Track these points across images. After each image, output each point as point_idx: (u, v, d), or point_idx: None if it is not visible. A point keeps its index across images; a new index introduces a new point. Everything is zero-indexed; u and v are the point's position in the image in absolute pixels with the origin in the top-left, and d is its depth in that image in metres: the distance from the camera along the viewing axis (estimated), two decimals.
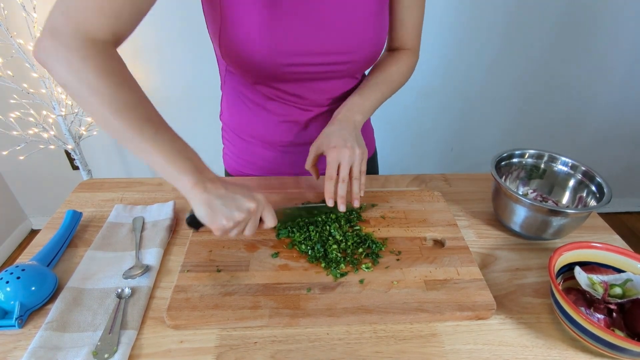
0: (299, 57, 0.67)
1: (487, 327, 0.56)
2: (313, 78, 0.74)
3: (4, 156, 1.52)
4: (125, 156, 1.87)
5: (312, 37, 0.66)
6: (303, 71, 0.70)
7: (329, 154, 0.64)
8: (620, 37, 1.63)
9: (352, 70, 0.75)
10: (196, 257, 0.63)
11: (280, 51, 0.66)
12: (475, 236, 0.72)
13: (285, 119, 0.80)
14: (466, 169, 2.00)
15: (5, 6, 1.33)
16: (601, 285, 0.55)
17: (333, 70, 0.72)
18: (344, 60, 0.71)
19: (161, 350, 0.52)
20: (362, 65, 0.74)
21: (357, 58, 0.71)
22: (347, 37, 0.68)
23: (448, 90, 1.74)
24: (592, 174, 0.71)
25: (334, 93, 0.79)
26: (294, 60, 0.68)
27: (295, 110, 0.79)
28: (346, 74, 0.76)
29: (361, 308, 0.56)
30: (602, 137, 1.94)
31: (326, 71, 0.72)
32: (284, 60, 0.67)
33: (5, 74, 1.38)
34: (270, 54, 0.65)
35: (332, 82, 0.76)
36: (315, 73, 0.72)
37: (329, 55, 0.69)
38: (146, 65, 1.60)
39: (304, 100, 0.77)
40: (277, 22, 0.63)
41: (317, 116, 0.80)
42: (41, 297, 0.56)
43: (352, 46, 0.69)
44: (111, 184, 0.84)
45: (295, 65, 0.69)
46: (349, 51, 0.70)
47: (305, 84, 0.74)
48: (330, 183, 0.63)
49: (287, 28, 0.64)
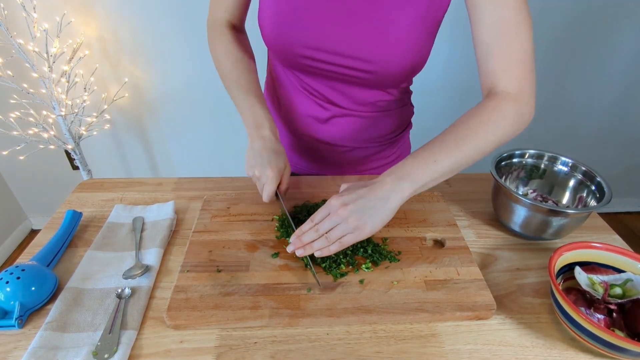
0: (315, 52, 0.67)
1: (487, 327, 0.56)
2: (335, 78, 0.71)
3: (4, 156, 1.52)
4: (125, 156, 1.87)
5: (332, 36, 0.65)
6: (322, 68, 0.69)
7: (329, 200, 0.56)
8: (620, 37, 1.63)
9: (378, 82, 0.70)
10: (196, 257, 0.63)
11: (296, 40, 0.66)
12: (475, 236, 0.72)
13: (306, 113, 0.79)
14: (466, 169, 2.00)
15: (5, 6, 1.33)
16: (601, 286, 0.55)
17: (356, 75, 0.69)
18: (366, 69, 0.66)
19: (161, 351, 0.52)
20: (391, 80, 0.68)
21: (382, 70, 0.66)
22: (372, 47, 0.63)
23: (448, 90, 1.74)
24: (592, 174, 0.71)
25: (358, 99, 0.76)
26: (310, 54, 0.67)
27: (316, 106, 0.78)
28: (373, 84, 0.71)
29: (361, 308, 0.56)
30: (602, 137, 1.94)
31: (347, 74, 0.69)
32: (299, 50, 0.67)
33: (5, 74, 1.38)
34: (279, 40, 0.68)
35: (358, 89, 0.73)
36: (337, 74, 0.70)
37: (349, 59, 0.66)
38: (146, 64, 1.60)
39: (325, 98, 0.76)
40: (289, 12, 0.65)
41: (335, 117, 0.78)
42: (41, 297, 0.56)
43: (376, 57, 0.64)
44: (111, 184, 0.84)
45: (312, 59, 0.68)
46: (371, 60, 0.65)
47: (328, 82, 0.73)
48: (307, 224, 0.56)
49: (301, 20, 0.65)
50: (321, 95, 0.76)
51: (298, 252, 0.56)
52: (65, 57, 1.42)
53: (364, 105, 0.77)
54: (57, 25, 1.37)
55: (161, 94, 1.68)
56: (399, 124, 0.85)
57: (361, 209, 0.53)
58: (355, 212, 0.52)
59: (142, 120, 1.75)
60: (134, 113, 1.73)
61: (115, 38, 1.53)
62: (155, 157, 1.89)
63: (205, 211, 0.73)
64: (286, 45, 0.68)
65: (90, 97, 1.57)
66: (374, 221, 0.53)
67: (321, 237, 0.55)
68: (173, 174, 1.95)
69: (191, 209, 0.77)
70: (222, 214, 0.73)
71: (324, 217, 0.55)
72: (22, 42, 1.34)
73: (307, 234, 0.56)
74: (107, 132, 1.75)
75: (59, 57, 1.39)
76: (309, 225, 0.56)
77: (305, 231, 0.56)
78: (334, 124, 0.80)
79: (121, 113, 1.72)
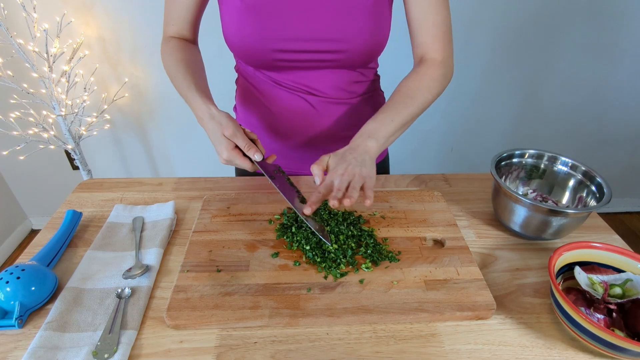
0: (287, 42, 0.69)
1: (487, 327, 0.56)
2: (310, 67, 0.74)
3: (4, 156, 1.52)
4: (125, 156, 1.87)
5: (300, 23, 0.67)
6: (296, 59, 0.71)
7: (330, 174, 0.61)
8: (620, 37, 1.63)
9: (350, 62, 0.74)
10: (196, 257, 0.63)
11: (265, 37, 0.68)
12: (475, 236, 0.72)
13: (289, 109, 0.80)
14: (466, 169, 2.00)
15: (5, 6, 1.33)
16: (601, 285, 0.55)
17: (327, 59, 0.72)
18: (336, 49, 0.70)
19: (161, 350, 0.52)
20: (359, 57, 0.73)
21: (351, 48, 0.70)
22: (339, 26, 0.68)
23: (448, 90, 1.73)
24: (592, 174, 0.71)
25: (334, 84, 0.78)
26: (282, 46, 0.69)
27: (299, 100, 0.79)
28: (344, 64, 0.75)
29: (361, 308, 0.56)
30: (602, 137, 1.94)
31: (320, 59, 0.72)
32: (271, 45, 0.69)
33: (5, 74, 1.38)
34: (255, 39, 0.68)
35: (330, 73, 0.76)
36: (310, 61, 0.72)
37: (319, 42, 0.69)
38: (146, 64, 1.60)
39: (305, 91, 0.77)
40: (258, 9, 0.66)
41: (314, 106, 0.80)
42: (41, 297, 0.56)
43: (345, 35, 0.69)
44: (111, 184, 0.84)
45: (285, 52, 0.70)
46: (340, 39, 0.69)
47: (303, 73, 0.75)
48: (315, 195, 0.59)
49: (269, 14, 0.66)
50: (299, 88, 0.78)
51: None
52: (65, 57, 1.42)
53: (341, 90, 0.79)
54: (57, 25, 1.37)
55: (161, 94, 1.67)
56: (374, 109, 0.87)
57: (358, 164, 0.61)
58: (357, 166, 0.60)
59: (142, 120, 1.75)
60: (134, 113, 1.73)
61: (115, 38, 1.53)
62: (155, 157, 1.89)
63: (205, 211, 0.73)
64: (258, 47, 0.70)
65: (90, 97, 1.57)
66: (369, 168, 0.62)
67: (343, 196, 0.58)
68: (173, 174, 1.95)
69: (191, 209, 0.77)
70: (222, 214, 0.73)
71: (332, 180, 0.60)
72: (22, 42, 1.34)
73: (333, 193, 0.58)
74: (107, 132, 1.75)
75: (59, 57, 1.39)
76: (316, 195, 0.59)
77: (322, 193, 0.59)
78: (314, 115, 0.81)
79: (121, 113, 1.72)
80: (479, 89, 1.76)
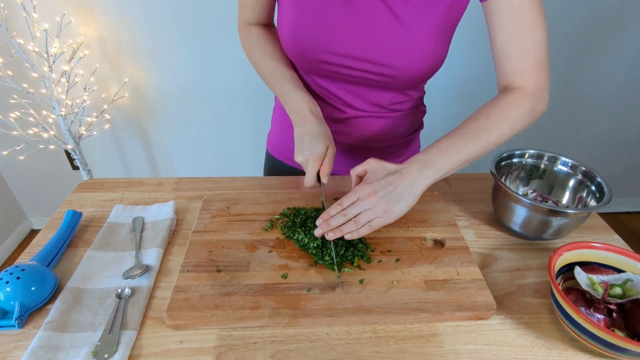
0: (336, 57, 0.67)
1: (487, 327, 0.56)
2: (353, 82, 0.72)
3: (4, 156, 1.52)
4: (125, 156, 1.87)
5: (353, 41, 0.65)
6: (341, 72, 0.70)
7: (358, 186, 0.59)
8: (620, 37, 1.63)
9: (396, 84, 0.71)
10: (196, 257, 0.63)
11: (317, 46, 0.66)
12: (475, 236, 0.72)
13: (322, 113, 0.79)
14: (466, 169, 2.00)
15: (5, 6, 1.33)
16: (601, 285, 0.55)
17: (374, 79, 0.70)
18: (385, 73, 0.68)
19: (161, 351, 0.52)
20: (407, 81, 0.70)
21: (401, 74, 0.67)
22: (392, 52, 0.64)
23: (448, 90, 1.74)
24: (592, 174, 0.71)
25: (375, 101, 0.76)
26: (331, 59, 0.68)
27: (331, 108, 0.78)
28: (391, 86, 0.72)
29: (361, 308, 0.56)
30: (602, 137, 1.94)
31: (366, 78, 0.70)
32: (320, 56, 0.67)
33: (5, 74, 1.38)
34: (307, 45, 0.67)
35: (375, 91, 0.74)
36: (355, 77, 0.70)
37: (369, 63, 0.67)
38: (146, 64, 1.60)
39: (341, 100, 0.77)
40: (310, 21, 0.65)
41: (350, 118, 0.79)
42: (41, 297, 0.56)
43: (396, 61, 0.65)
44: (111, 184, 0.84)
45: (332, 65, 0.68)
46: (390, 65, 0.66)
47: (345, 85, 0.74)
48: (334, 208, 0.59)
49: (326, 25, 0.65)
50: (338, 99, 0.77)
51: (329, 236, 0.58)
52: (65, 57, 1.42)
53: (380, 107, 0.78)
54: (57, 25, 1.37)
55: (161, 94, 1.67)
56: (412, 124, 0.86)
57: (390, 194, 0.56)
58: (384, 198, 0.56)
59: (142, 120, 1.75)
60: (134, 113, 1.73)
61: (115, 38, 1.53)
62: (155, 157, 1.89)
63: (205, 211, 0.73)
64: (306, 52, 0.69)
65: (90, 97, 1.57)
66: (400, 206, 0.57)
67: (349, 221, 0.58)
68: (173, 174, 1.95)
69: (191, 209, 0.77)
70: (222, 214, 0.73)
71: (352, 202, 0.58)
72: (22, 42, 1.34)
73: (335, 218, 0.58)
74: (107, 132, 1.75)
75: (59, 57, 1.39)
76: (337, 209, 0.58)
77: (333, 215, 0.58)
78: (349, 125, 0.80)
79: (121, 113, 1.72)
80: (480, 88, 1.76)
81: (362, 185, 0.59)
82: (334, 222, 0.58)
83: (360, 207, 0.57)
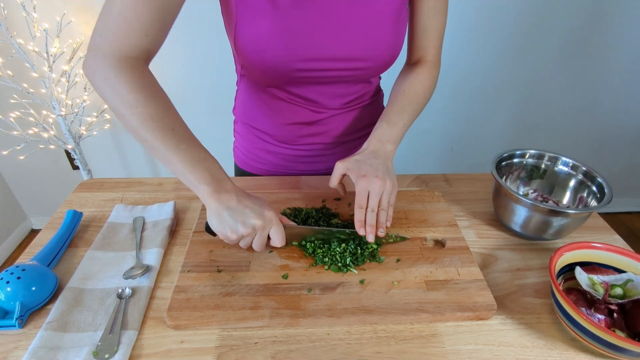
0: (312, 62, 0.67)
1: (487, 327, 0.56)
2: (327, 82, 0.73)
3: (4, 156, 1.52)
4: (125, 156, 1.87)
5: (326, 43, 0.65)
6: (317, 76, 0.70)
7: (358, 183, 0.61)
8: (621, 37, 1.63)
9: (367, 76, 0.74)
10: (196, 258, 0.63)
11: (291, 56, 0.65)
12: (476, 236, 0.72)
13: (295, 121, 0.79)
14: (466, 169, 2.01)
15: (5, 6, 1.33)
16: (602, 286, 0.55)
17: (348, 75, 0.71)
18: (360, 67, 0.70)
19: (162, 351, 0.52)
20: (378, 70, 0.73)
21: (374, 64, 0.70)
22: (364, 44, 0.67)
23: (448, 90, 1.74)
24: (592, 174, 0.71)
25: (348, 97, 0.78)
26: (307, 66, 0.67)
27: (307, 112, 0.78)
28: (362, 79, 0.75)
29: (362, 308, 0.56)
30: (602, 137, 1.94)
31: (340, 76, 0.71)
32: (295, 65, 0.66)
33: (5, 74, 1.38)
34: (280, 59, 0.64)
35: (346, 87, 0.76)
36: (330, 77, 0.71)
37: (345, 61, 0.68)
38: None
39: (315, 103, 0.77)
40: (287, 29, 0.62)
41: (327, 117, 0.80)
42: (41, 297, 0.56)
43: (369, 53, 0.68)
44: (111, 184, 0.84)
45: (308, 71, 0.68)
46: (365, 57, 0.68)
47: (317, 87, 0.74)
48: (360, 212, 0.60)
49: (297, 34, 0.63)
50: (312, 102, 0.77)
51: (370, 238, 0.60)
52: (65, 57, 1.42)
53: (351, 100, 0.79)
54: (57, 25, 1.37)
55: None
56: (378, 109, 0.88)
57: (383, 171, 0.62)
58: (385, 175, 0.61)
59: None
60: None
61: None
62: None
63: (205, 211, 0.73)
64: (280, 64, 0.65)
65: (90, 97, 1.57)
66: (394, 177, 0.63)
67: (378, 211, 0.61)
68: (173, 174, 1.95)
69: (191, 209, 0.77)
70: None
71: (367, 196, 0.61)
72: (22, 42, 1.34)
73: (369, 217, 0.60)
74: (107, 132, 1.75)
75: (59, 57, 1.38)
76: (362, 212, 0.60)
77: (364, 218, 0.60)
78: (325, 124, 0.81)
79: None
80: (480, 88, 1.76)
81: (362, 181, 0.61)
82: (372, 221, 0.60)
83: (377, 194, 0.60)
